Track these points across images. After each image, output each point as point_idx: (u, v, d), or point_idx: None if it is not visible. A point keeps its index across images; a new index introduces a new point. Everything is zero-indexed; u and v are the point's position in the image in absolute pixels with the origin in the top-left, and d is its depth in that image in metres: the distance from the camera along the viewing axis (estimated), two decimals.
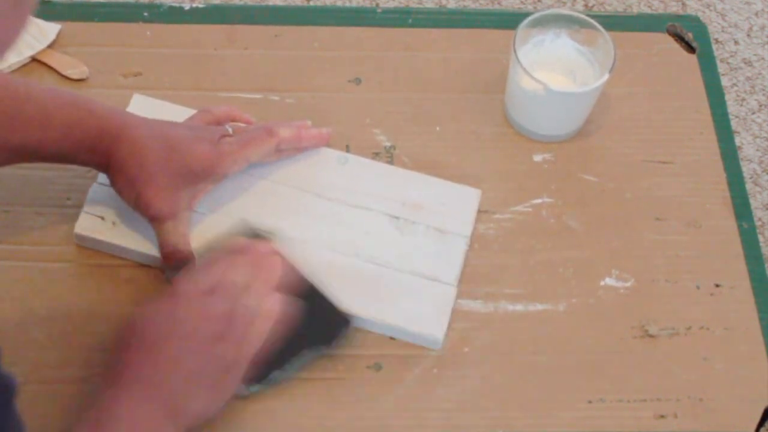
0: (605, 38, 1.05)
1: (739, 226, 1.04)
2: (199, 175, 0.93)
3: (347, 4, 1.95)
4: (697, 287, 1.00)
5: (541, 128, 1.07)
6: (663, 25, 1.17)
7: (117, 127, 0.91)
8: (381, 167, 1.03)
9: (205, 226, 0.97)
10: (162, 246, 0.93)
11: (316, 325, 0.90)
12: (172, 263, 0.93)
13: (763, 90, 1.98)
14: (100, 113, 0.91)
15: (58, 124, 0.90)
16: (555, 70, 1.06)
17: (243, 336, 0.83)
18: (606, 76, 1.03)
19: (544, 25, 1.06)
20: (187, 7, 1.14)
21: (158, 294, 0.85)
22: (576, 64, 1.07)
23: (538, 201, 1.04)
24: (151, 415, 0.78)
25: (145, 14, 1.12)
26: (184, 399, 0.80)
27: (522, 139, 1.07)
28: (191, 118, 0.99)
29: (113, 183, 0.93)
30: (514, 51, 1.03)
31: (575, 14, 1.07)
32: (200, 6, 1.14)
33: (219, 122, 0.99)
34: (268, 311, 0.85)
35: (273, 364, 0.88)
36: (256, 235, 0.93)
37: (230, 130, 0.97)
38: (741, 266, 1.02)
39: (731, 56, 2.01)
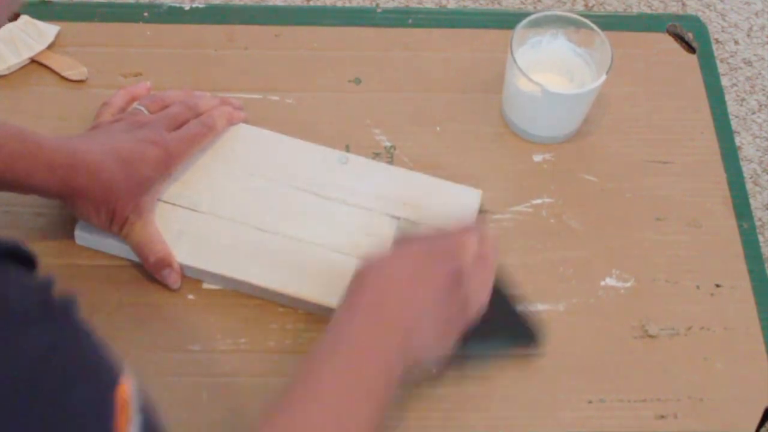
0: (602, 39, 1.05)
1: (739, 226, 1.04)
2: (156, 179, 0.95)
3: (347, 4, 1.95)
4: (698, 287, 1.00)
5: (538, 130, 1.06)
6: (663, 25, 1.17)
7: (68, 156, 0.91)
8: (381, 167, 1.03)
9: (205, 226, 0.97)
10: (141, 250, 0.94)
11: (505, 322, 0.94)
12: (156, 266, 0.94)
13: (763, 90, 1.98)
14: (48, 145, 0.92)
15: (2, 157, 0.90)
16: (552, 71, 1.06)
17: (467, 296, 0.87)
18: (603, 78, 1.03)
19: (541, 26, 1.06)
20: (187, 7, 1.14)
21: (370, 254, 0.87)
22: (573, 66, 1.07)
23: (538, 201, 1.04)
24: (384, 340, 0.82)
25: (145, 14, 1.12)
26: (415, 333, 0.83)
27: (522, 139, 1.07)
28: (99, 117, 1.00)
29: (77, 209, 0.93)
30: (511, 52, 1.03)
31: (572, 15, 1.07)
32: (200, 6, 1.14)
33: (124, 109, 1.00)
34: (485, 285, 0.89)
35: (467, 342, 0.89)
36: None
37: (145, 111, 0.98)
38: (741, 266, 1.02)
39: (731, 56, 2.01)
